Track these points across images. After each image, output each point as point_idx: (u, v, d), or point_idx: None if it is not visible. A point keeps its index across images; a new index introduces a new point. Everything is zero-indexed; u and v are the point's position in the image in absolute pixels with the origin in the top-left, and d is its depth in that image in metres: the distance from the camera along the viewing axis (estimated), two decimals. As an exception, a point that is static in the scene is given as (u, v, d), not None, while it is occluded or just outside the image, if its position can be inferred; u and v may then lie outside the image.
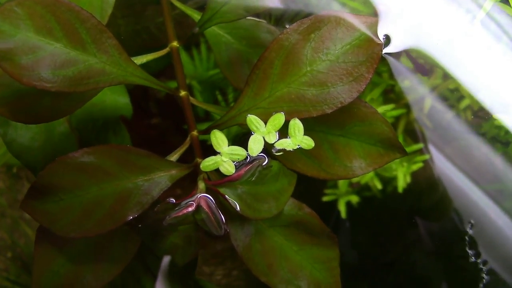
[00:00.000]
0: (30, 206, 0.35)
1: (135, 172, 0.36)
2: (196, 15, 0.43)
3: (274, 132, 0.36)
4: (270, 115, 0.36)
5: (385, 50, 0.41)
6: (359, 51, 0.35)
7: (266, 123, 0.36)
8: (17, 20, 0.31)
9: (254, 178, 0.38)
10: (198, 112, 0.54)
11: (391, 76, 0.49)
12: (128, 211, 0.36)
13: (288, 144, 0.37)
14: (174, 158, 0.39)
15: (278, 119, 0.36)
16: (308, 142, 0.37)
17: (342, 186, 0.52)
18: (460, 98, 0.48)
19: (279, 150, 0.38)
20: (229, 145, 0.37)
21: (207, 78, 0.55)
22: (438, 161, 0.48)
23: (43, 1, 0.32)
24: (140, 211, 0.36)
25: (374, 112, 0.36)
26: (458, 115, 0.48)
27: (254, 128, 0.36)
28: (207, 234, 0.39)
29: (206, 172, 0.38)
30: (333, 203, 0.52)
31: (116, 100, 0.47)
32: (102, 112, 0.46)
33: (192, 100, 0.41)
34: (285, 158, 0.38)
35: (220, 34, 0.44)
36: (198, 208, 0.38)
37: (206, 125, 0.48)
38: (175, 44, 0.41)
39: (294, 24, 0.35)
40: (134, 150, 0.36)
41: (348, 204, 0.52)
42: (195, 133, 0.40)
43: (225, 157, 0.37)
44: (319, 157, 0.37)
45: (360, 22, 0.35)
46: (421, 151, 0.50)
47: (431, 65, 0.47)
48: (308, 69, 0.35)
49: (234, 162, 0.37)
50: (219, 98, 0.55)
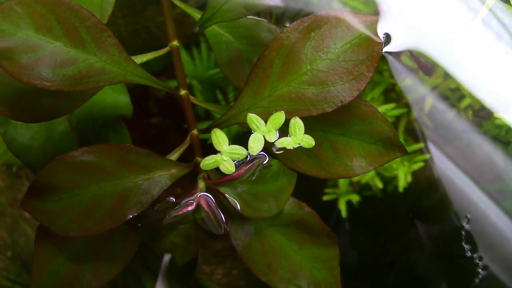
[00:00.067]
0: (30, 205, 0.35)
1: (135, 171, 0.36)
2: (196, 14, 0.43)
3: (275, 131, 0.36)
4: (270, 114, 0.36)
5: (385, 49, 0.41)
6: (359, 50, 0.35)
7: (266, 122, 0.36)
8: (17, 18, 0.31)
9: (254, 177, 0.38)
10: (198, 111, 0.54)
11: (392, 75, 0.49)
12: (128, 210, 0.36)
13: (288, 142, 0.37)
14: (174, 157, 0.39)
15: (278, 118, 0.36)
16: (308, 141, 0.37)
17: (343, 185, 0.52)
18: (460, 98, 0.48)
19: (280, 149, 0.37)
20: (229, 144, 0.37)
21: (208, 77, 0.55)
22: (439, 160, 0.48)
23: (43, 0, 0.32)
24: (140, 210, 0.36)
25: (374, 111, 0.36)
26: (458, 115, 0.48)
27: (255, 127, 0.36)
28: (207, 233, 0.39)
29: (206, 171, 0.38)
30: (333, 203, 0.52)
31: (116, 99, 0.47)
32: (102, 111, 0.46)
33: (192, 99, 0.41)
34: (285, 157, 0.38)
35: (220, 33, 0.44)
36: (198, 207, 0.38)
37: (206, 124, 0.48)
38: (175, 43, 0.41)
39: (294, 23, 0.35)
40: (134, 149, 0.36)
41: (348, 203, 0.52)
42: (195, 132, 0.40)
43: (225, 156, 0.37)
44: (319, 156, 0.37)
45: (360, 21, 0.35)
46: (421, 151, 0.50)
47: (432, 64, 0.47)
48: (308, 68, 0.35)
49: (234, 161, 0.37)
50: (220, 97, 0.54)
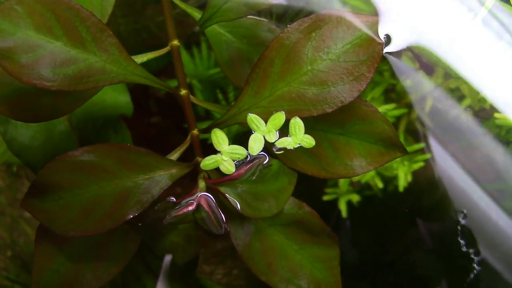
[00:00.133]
0: (30, 205, 0.35)
1: (135, 170, 0.36)
2: (196, 14, 0.43)
3: (275, 131, 0.36)
4: (271, 114, 0.36)
5: (386, 49, 0.41)
6: (360, 50, 0.35)
7: (266, 122, 0.36)
8: (17, 18, 0.31)
9: (254, 177, 0.38)
10: (198, 111, 0.54)
11: (393, 75, 0.49)
12: (128, 210, 0.36)
13: (288, 142, 0.37)
14: (174, 157, 0.39)
15: (279, 118, 0.36)
16: (308, 141, 0.37)
17: (343, 185, 0.52)
18: (461, 97, 0.48)
19: (280, 149, 0.37)
20: (229, 144, 0.37)
21: (208, 77, 0.55)
22: (439, 160, 0.48)
23: (43, -1, 0.32)
24: (140, 210, 0.36)
25: (374, 111, 0.36)
26: (459, 114, 0.48)
27: (255, 127, 0.36)
28: (207, 233, 0.39)
29: (206, 171, 0.38)
30: (333, 202, 0.52)
31: (116, 98, 0.47)
32: (103, 110, 0.46)
33: (192, 98, 0.41)
34: (285, 157, 0.38)
35: (220, 33, 0.44)
36: (198, 207, 0.38)
37: (206, 124, 0.48)
38: (176, 42, 0.41)
39: (295, 23, 0.35)
40: (134, 148, 0.36)
41: (348, 203, 0.52)
42: (196, 131, 0.40)
43: (225, 156, 0.37)
44: (320, 155, 0.37)
45: (361, 21, 0.35)
46: (422, 150, 0.50)
47: (432, 64, 0.46)
48: (308, 68, 0.35)
49: (234, 161, 0.37)
50: (220, 97, 0.54)
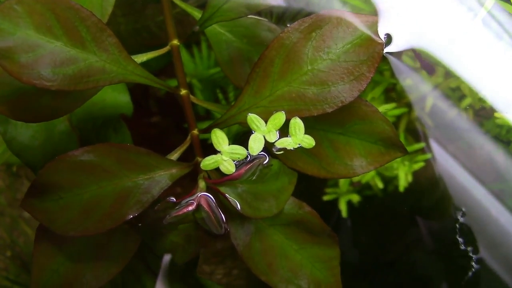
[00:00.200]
0: (30, 205, 0.35)
1: (135, 170, 0.36)
2: (196, 14, 0.43)
3: (275, 131, 0.36)
4: (271, 114, 0.36)
5: (386, 49, 0.41)
6: (360, 50, 0.34)
7: (266, 122, 0.36)
8: (16, 18, 0.31)
9: (254, 177, 0.38)
10: (198, 110, 0.54)
11: (393, 74, 0.49)
12: (128, 210, 0.36)
13: (288, 143, 0.37)
14: (174, 156, 0.39)
15: (279, 118, 0.36)
16: (308, 141, 0.37)
17: (343, 185, 0.52)
18: (461, 97, 0.48)
19: (280, 149, 0.37)
20: (229, 144, 0.37)
21: (208, 76, 0.54)
22: (439, 160, 0.48)
23: (43, -1, 0.32)
24: (140, 210, 0.36)
25: (374, 110, 0.36)
26: (459, 114, 0.48)
27: (255, 127, 0.36)
28: (207, 233, 0.39)
29: (206, 171, 0.38)
30: (334, 202, 0.52)
31: (116, 98, 0.47)
32: (103, 110, 0.46)
33: (192, 98, 0.41)
34: (285, 157, 0.38)
35: (220, 33, 0.44)
36: (198, 207, 0.38)
37: (206, 123, 0.48)
38: (176, 42, 0.41)
39: (295, 22, 0.35)
40: (134, 148, 0.36)
41: (349, 203, 0.52)
42: (196, 131, 0.40)
43: (225, 156, 0.37)
44: (320, 155, 0.37)
45: (361, 21, 0.35)
46: (422, 150, 0.50)
47: (433, 63, 0.46)
48: (309, 68, 0.35)
49: (234, 161, 0.37)
50: (220, 96, 0.54)
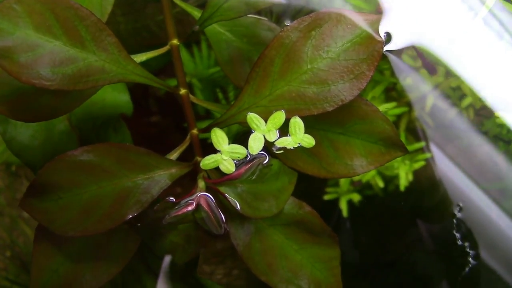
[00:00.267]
0: (29, 205, 0.35)
1: (135, 170, 0.36)
2: (196, 13, 0.43)
3: (275, 130, 0.36)
4: (271, 113, 0.36)
5: (386, 48, 0.41)
6: (360, 49, 0.34)
7: (266, 121, 0.36)
8: (16, 17, 0.31)
9: (254, 177, 0.38)
10: (198, 110, 0.54)
11: (393, 74, 0.49)
12: (127, 210, 0.36)
13: (288, 142, 0.37)
14: (174, 156, 0.39)
15: (279, 117, 0.36)
16: (308, 140, 0.36)
17: (344, 185, 0.52)
18: (462, 97, 0.48)
19: (280, 149, 0.37)
20: (229, 143, 0.37)
21: (208, 76, 0.54)
22: (440, 159, 0.48)
23: (42, -2, 0.32)
24: (139, 210, 0.36)
25: (375, 110, 0.36)
26: (460, 114, 0.48)
27: (255, 126, 0.36)
28: (207, 233, 0.39)
29: (206, 170, 0.38)
30: (334, 202, 0.52)
31: (116, 97, 0.47)
32: (102, 110, 0.46)
33: (192, 98, 0.40)
34: (285, 156, 0.38)
35: (220, 32, 0.44)
36: (198, 207, 0.38)
37: (206, 123, 0.48)
38: (175, 42, 0.41)
39: (295, 21, 0.35)
40: (134, 148, 0.36)
41: (349, 202, 0.52)
42: (195, 131, 0.40)
43: (225, 155, 0.37)
44: (320, 155, 0.37)
45: (361, 20, 0.35)
46: (423, 150, 0.50)
47: (433, 63, 0.46)
48: (308, 67, 0.35)
49: (234, 160, 0.37)
50: (220, 96, 0.54)
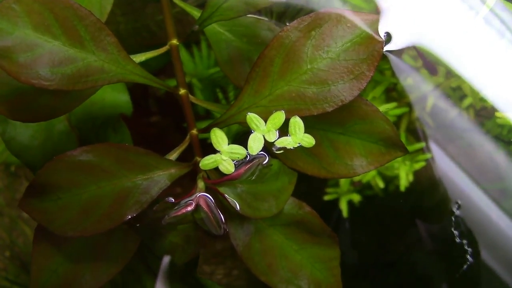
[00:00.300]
0: (29, 205, 0.35)
1: (134, 170, 0.36)
2: (196, 13, 0.43)
3: (274, 130, 0.36)
4: (270, 113, 0.36)
5: (386, 48, 0.41)
6: (360, 49, 0.34)
7: (266, 122, 0.36)
8: (15, 17, 0.31)
9: (254, 177, 0.38)
10: (198, 110, 0.54)
11: (394, 74, 0.49)
12: (126, 210, 0.36)
13: (288, 142, 0.37)
14: (173, 156, 0.39)
15: (278, 117, 0.35)
16: (308, 140, 0.36)
17: (344, 185, 0.52)
18: (462, 97, 0.48)
19: (280, 149, 0.37)
20: (229, 143, 0.37)
21: (208, 76, 0.54)
22: (440, 160, 0.48)
23: (41, -2, 0.32)
24: (139, 210, 0.36)
25: (375, 110, 0.36)
26: (460, 114, 0.48)
27: (254, 126, 0.36)
28: (207, 233, 0.39)
29: (205, 171, 0.38)
30: (334, 202, 0.52)
31: (116, 97, 0.47)
32: (102, 110, 0.46)
33: (191, 98, 0.40)
34: (285, 156, 0.38)
35: (220, 32, 0.44)
36: (198, 207, 0.38)
37: (206, 123, 0.48)
38: (175, 42, 0.40)
39: (295, 21, 0.35)
40: (133, 148, 0.36)
41: (349, 203, 0.52)
42: (195, 131, 0.40)
43: (224, 155, 0.37)
44: (320, 155, 0.37)
45: (361, 20, 0.35)
46: (423, 150, 0.50)
47: (434, 63, 0.46)
48: (308, 67, 0.35)
49: (234, 160, 0.37)
50: (220, 96, 0.54)
